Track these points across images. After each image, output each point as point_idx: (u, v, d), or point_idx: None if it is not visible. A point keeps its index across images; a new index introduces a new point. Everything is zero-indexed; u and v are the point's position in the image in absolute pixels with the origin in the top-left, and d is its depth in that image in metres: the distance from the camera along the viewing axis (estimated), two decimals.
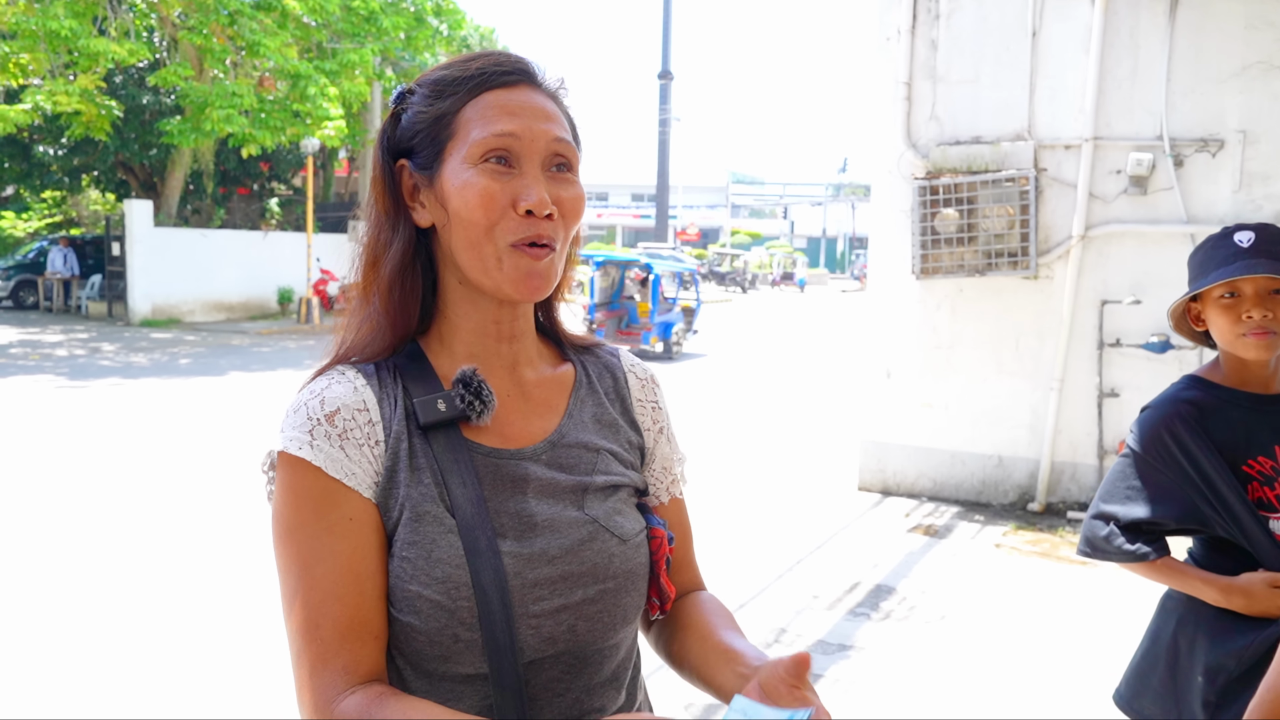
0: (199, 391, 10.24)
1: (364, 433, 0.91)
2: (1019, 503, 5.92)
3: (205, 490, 6.10)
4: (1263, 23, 5.18)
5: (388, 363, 0.98)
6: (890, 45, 6.11)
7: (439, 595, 0.87)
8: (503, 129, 0.92)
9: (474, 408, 0.93)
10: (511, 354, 1.01)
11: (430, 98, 0.95)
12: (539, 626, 0.90)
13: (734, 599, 4.25)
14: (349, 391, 0.93)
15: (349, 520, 0.89)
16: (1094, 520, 1.84)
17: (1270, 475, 1.71)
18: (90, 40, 14.23)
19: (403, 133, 0.97)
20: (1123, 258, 5.58)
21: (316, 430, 0.90)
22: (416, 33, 19.27)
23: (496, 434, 0.97)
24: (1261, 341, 1.68)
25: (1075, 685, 3.45)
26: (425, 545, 0.89)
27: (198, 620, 4.01)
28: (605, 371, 1.10)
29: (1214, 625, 1.72)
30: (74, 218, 26.90)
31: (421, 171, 0.96)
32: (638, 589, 0.98)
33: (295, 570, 0.89)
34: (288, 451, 0.91)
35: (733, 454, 7.62)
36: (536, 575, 0.91)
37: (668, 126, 31.27)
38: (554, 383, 1.05)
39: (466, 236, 0.92)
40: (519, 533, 0.92)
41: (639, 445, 1.08)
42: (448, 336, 1.00)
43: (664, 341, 14.68)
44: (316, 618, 0.87)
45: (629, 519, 1.00)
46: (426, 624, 0.88)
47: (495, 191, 0.91)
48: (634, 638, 1.03)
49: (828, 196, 61.26)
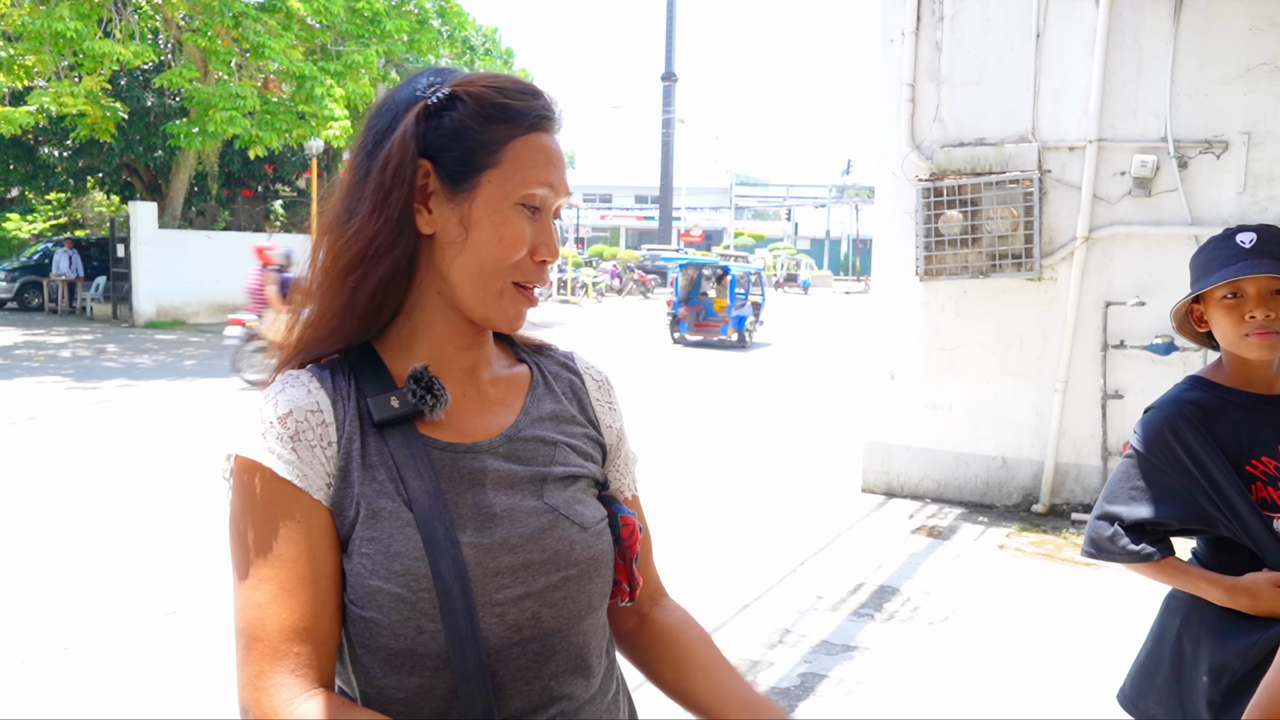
0: (204, 392, 10.26)
1: (316, 434, 0.92)
2: (1023, 504, 5.92)
3: (209, 491, 6.12)
4: (1267, 24, 5.18)
5: (342, 364, 0.98)
6: (894, 47, 6.12)
7: (399, 588, 0.88)
8: (547, 178, 0.96)
9: (426, 402, 0.94)
10: (471, 359, 1.02)
11: (483, 117, 0.94)
12: (503, 614, 0.91)
13: (738, 599, 4.26)
14: (302, 394, 0.93)
15: (297, 523, 0.89)
16: (1098, 521, 1.85)
17: (1274, 475, 1.72)
18: (95, 42, 14.26)
19: (438, 136, 0.95)
20: (1127, 259, 5.58)
21: (268, 433, 0.90)
22: (420, 35, 19.29)
23: (453, 430, 0.97)
24: (1264, 341, 1.68)
25: (1079, 686, 3.45)
26: (383, 540, 0.89)
27: (201, 620, 4.02)
28: (562, 370, 1.12)
29: (1218, 625, 1.72)
30: (79, 219, 26.99)
31: (448, 183, 0.95)
32: (601, 576, 0.99)
33: (243, 571, 0.89)
34: (240, 454, 0.91)
35: (741, 453, 7.63)
36: (498, 564, 0.92)
37: (671, 128, 31.29)
38: (510, 382, 1.06)
39: (480, 266, 0.94)
40: (478, 523, 0.93)
41: (599, 441, 1.10)
42: (407, 340, 0.99)
43: (738, 333, 16.87)
44: (263, 619, 0.87)
45: (589, 507, 1.01)
46: (389, 618, 0.88)
47: (525, 235, 0.95)
48: (603, 625, 1.04)
49: (831, 198, 61.21)
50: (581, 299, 30.14)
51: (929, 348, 6.12)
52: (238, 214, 23.86)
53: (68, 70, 15.27)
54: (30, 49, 14.41)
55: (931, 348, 6.11)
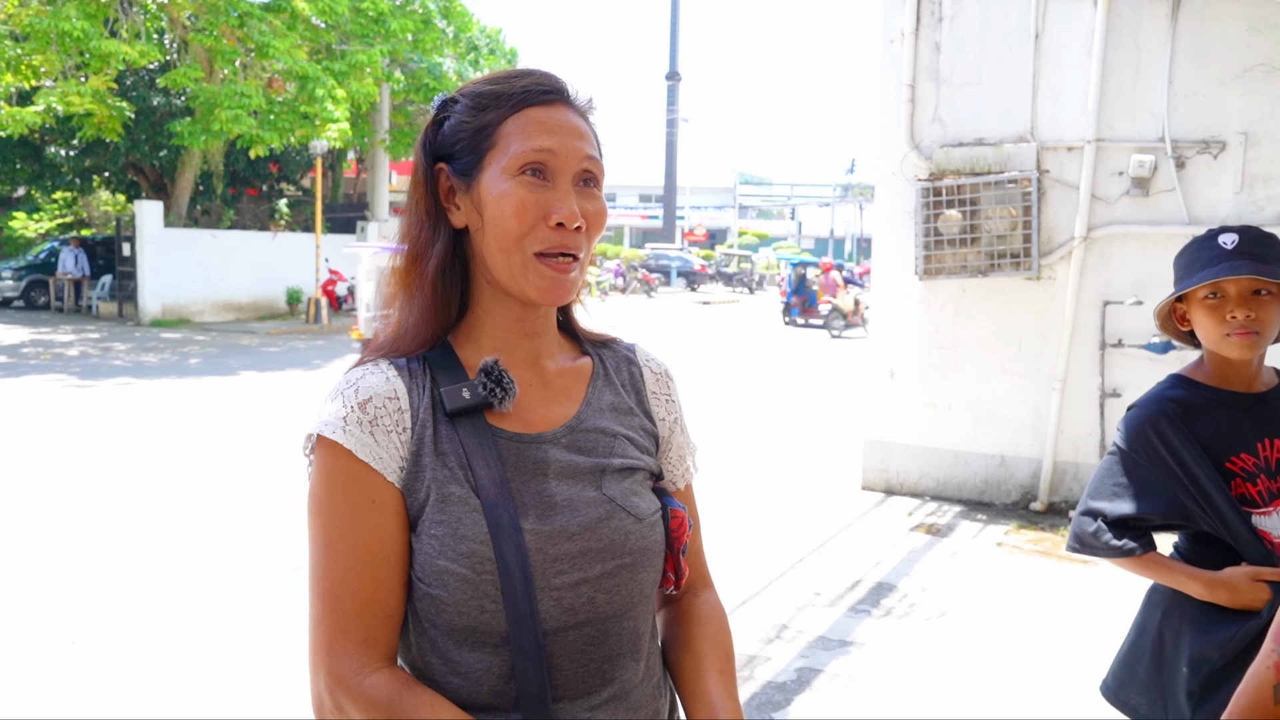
0: (209, 391, 10.33)
1: (393, 420, 0.98)
2: (1021, 502, 5.96)
3: (216, 489, 6.17)
4: (1264, 25, 5.21)
5: (419, 356, 1.04)
6: (894, 48, 6.15)
7: (465, 569, 0.94)
8: (541, 144, 0.99)
9: (496, 395, 1.00)
10: (534, 349, 1.08)
11: (474, 109, 1.02)
12: (560, 598, 0.97)
13: (737, 595, 4.30)
14: (381, 381, 1.00)
15: (371, 502, 0.96)
16: (1083, 516, 1.89)
17: (1252, 471, 1.76)
18: (102, 42, 14.33)
19: (444, 139, 1.04)
20: (1125, 259, 5.61)
21: (350, 416, 0.97)
22: (424, 35, 19.33)
23: (519, 420, 1.03)
24: (1245, 341, 1.72)
25: (1073, 681, 3.49)
26: (452, 523, 0.95)
27: (205, 618, 4.07)
28: (622, 364, 1.17)
29: (1198, 617, 1.76)
30: (85, 218, 27.07)
31: (460, 177, 1.02)
32: (653, 565, 1.05)
33: (321, 544, 0.96)
34: (323, 435, 0.97)
35: (743, 451, 7.67)
36: (557, 551, 0.97)
37: (675, 127, 31.29)
38: (573, 374, 1.12)
39: (498, 242, 1.00)
40: (540, 511, 0.98)
41: (654, 433, 1.15)
42: (475, 332, 1.06)
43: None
44: (338, 590, 0.95)
45: (644, 500, 1.06)
46: (454, 596, 0.95)
47: (530, 203, 0.98)
48: (651, 612, 1.09)
49: (835, 197, 61.11)
50: (585, 297, 30.17)
51: (928, 346, 6.16)
52: (243, 213, 23.93)
53: (74, 70, 15.34)
54: (37, 49, 14.49)
55: (931, 346, 6.15)
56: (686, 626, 1.14)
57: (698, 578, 1.20)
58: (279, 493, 5.89)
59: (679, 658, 1.12)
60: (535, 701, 0.94)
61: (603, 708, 1.00)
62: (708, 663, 1.10)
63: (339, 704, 0.93)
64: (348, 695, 0.93)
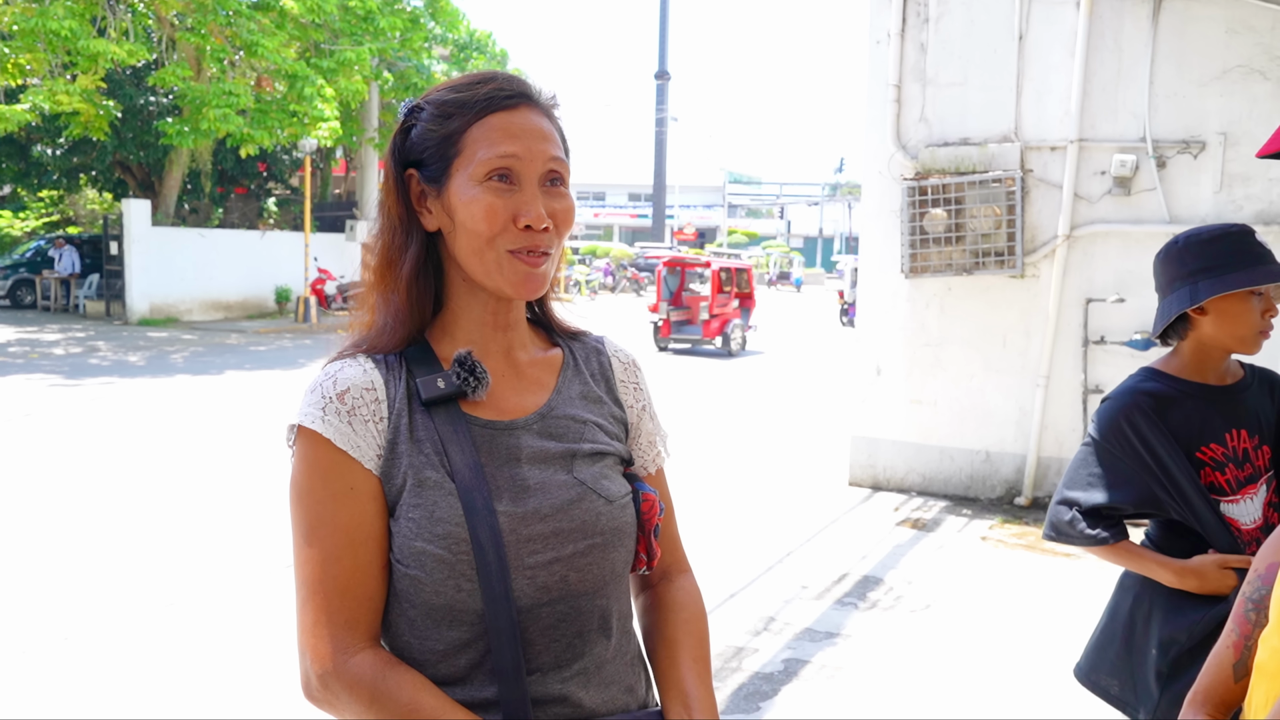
0: (193, 390, 10.32)
1: (370, 410, 1.03)
2: (1006, 497, 6.04)
3: (201, 486, 6.19)
4: (1243, 27, 5.30)
5: (397, 353, 1.09)
6: (880, 48, 6.22)
7: (441, 550, 0.99)
8: (505, 150, 1.03)
9: (469, 384, 1.05)
10: (506, 341, 1.13)
11: (439, 117, 1.06)
12: (534, 577, 1.02)
13: (725, 588, 4.36)
14: (359, 373, 1.05)
15: (350, 489, 1.01)
16: (1058, 506, 1.95)
17: (1221, 461, 1.82)
18: (89, 41, 14.26)
19: (412, 146, 1.08)
20: (1107, 257, 5.70)
21: (328, 407, 1.02)
22: (412, 34, 19.32)
23: (492, 408, 1.08)
24: (1264, 340, 1.80)
25: (1055, 671, 3.55)
26: (428, 507, 1.00)
27: (194, 614, 4.10)
28: (592, 355, 1.22)
29: (1167, 602, 1.83)
30: (71, 217, 26.93)
31: (430, 183, 1.07)
32: (624, 545, 1.10)
33: (303, 531, 1.02)
34: (303, 425, 1.03)
35: (732, 445, 7.72)
36: (530, 531, 1.02)
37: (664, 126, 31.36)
38: (544, 364, 1.17)
39: (471, 245, 1.04)
40: (513, 494, 1.03)
41: (623, 420, 1.20)
42: (450, 326, 1.11)
43: None
44: (320, 574, 1.00)
45: (615, 483, 1.11)
46: (431, 576, 1.00)
47: (498, 207, 1.03)
48: (625, 591, 1.14)
49: (824, 196, 61.28)
50: (575, 296, 30.24)
51: (914, 344, 6.23)
52: (231, 212, 23.85)
53: (62, 69, 15.28)
54: (24, 47, 14.42)
55: (917, 344, 6.22)
56: (662, 614, 1.19)
57: (673, 561, 1.25)
58: (263, 489, 5.92)
59: (654, 646, 1.17)
60: (510, 675, 0.99)
61: (574, 680, 1.05)
62: (682, 650, 1.14)
63: (325, 684, 0.98)
64: (333, 675, 0.98)
